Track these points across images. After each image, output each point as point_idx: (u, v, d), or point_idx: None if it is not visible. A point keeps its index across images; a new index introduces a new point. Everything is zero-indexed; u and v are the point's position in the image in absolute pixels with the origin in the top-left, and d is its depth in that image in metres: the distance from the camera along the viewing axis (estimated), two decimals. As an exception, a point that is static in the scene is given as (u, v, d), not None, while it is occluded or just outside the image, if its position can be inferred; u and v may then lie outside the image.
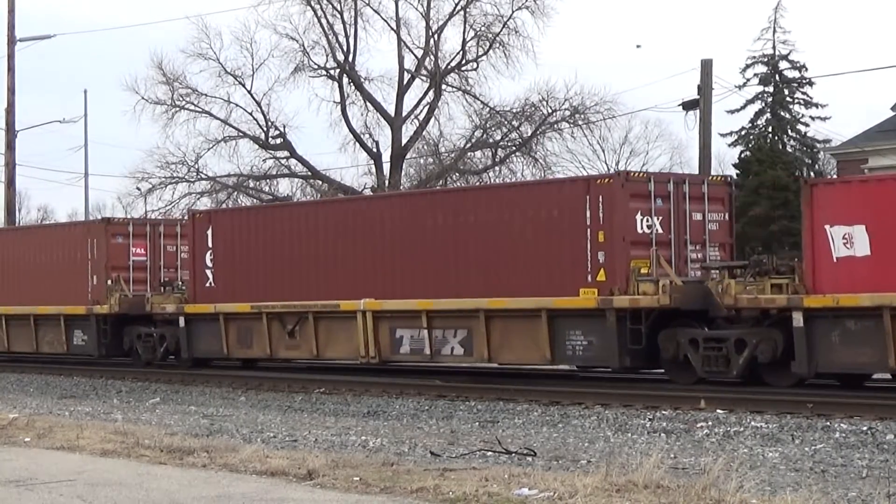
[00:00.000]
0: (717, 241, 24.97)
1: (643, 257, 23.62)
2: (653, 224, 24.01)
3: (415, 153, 61.71)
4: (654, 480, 11.13)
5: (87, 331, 34.13)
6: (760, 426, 18.29)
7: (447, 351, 26.14)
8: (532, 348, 24.67)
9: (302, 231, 29.12)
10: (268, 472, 12.99)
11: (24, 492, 12.25)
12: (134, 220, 35.83)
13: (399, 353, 27.16)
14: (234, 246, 30.49)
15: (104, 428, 17.76)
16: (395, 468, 13.03)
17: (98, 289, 33.43)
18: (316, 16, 58.13)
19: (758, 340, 22.18)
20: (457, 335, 25.92)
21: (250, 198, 60.49)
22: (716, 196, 25.03)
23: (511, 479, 11.93)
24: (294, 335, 28.96)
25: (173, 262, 34.25)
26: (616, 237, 23.62)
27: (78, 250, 34.25)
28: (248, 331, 30.03)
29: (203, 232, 31.17)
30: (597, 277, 23.71)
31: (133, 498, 11.71)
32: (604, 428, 18.84)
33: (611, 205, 23.66)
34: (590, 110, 58.23)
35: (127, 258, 33.62)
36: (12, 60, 48.80)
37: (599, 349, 23.78)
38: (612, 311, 23.39)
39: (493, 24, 58.38)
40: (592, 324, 23.82)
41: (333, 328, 28.33)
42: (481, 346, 25.32)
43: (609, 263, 23.57)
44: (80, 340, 34.54)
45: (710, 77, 38.33)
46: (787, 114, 73.64)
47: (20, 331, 36.38)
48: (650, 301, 23.05)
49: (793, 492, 11.14)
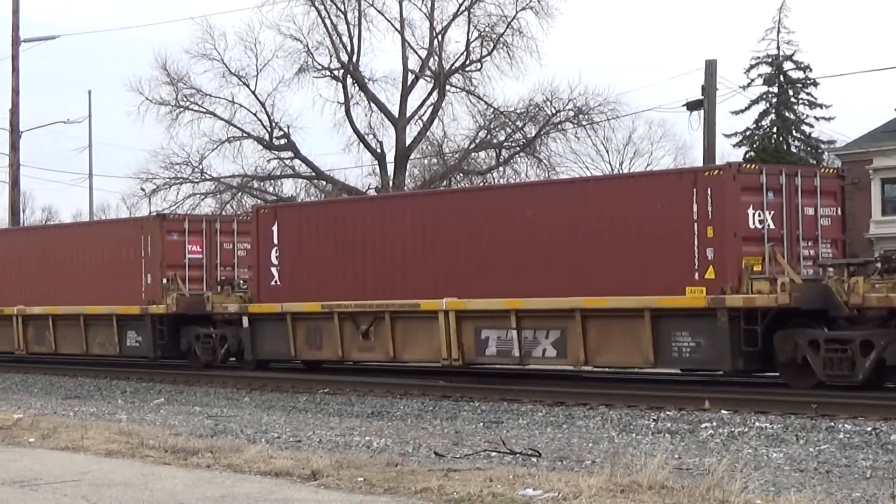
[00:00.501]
0: (829, 237, 23.63)
1: (755, 254, 22.45)
2: (765, 219, 22.74)
3: (419, 154, 61.80)
4: (658, 481, 11.13)
5: (142, 332, 32.82)
6: (765, 427, 18.27)
7: (538, 353, 24.81)
8: (633, 350, 23.46)
9: (377, 226, 27.80)
10: (272, 472, 13.00)
11: (28, 492, 12.27)
12: (190, 217, 34.59)
13: (485, 356, 25.77)
14: (301, 242, 29.16)
15: (109, 428, 17.77)
16: (400, 469, 13.04)
17: (153, 288, 32.17)
18: (320, 16, 58.28)
19: (887, 342, 20.83)
20: (549, 336, 24.62)
21: (254, 198, 60.55)
22: (828, 190, 23.73)
23: (515, 480, 11.93)
24: (368, 336, 27.63)
25: (230, 259, 33.02)
26: (727, 233, 22.35)
27: (131, 248, 32.91)
28: (318, 332, 28.72)
29: (268, 228, 29.78)
30: (705, 275, 22.43)
31: (138, 498, 11.71)
32: (608, 428, 18.82)
33: (721, 198, 22.40)
34: (594, 111, 58.38)
35: (182, 256, 32.34)
36: (16, 61, 48.82)
37: (709, 351, 22.52)
38: (723, 311, 22.06)
39: (496, 25, 58.51)
40: (701, 324, 22.55)
41: (412, 329, 26.94)
42: (577, 347, 24.07)
43: (719, 260, 22.30)
44: (133, 342, 33.22)
45: (714, 77, 38.31)
46: (792, 114, 73.66)
47: (68, 332, 34.96)
48: (767, 300, 21.82)
49: (797, 492, 11.13)
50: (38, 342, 36.01)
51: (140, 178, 62.46)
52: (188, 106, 59.71)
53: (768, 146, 67.19)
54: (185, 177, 60.62)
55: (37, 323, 35.93)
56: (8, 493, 12.19)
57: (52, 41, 52.94)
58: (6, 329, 36.77)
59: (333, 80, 59.56)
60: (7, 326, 36.71)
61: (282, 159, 61.26)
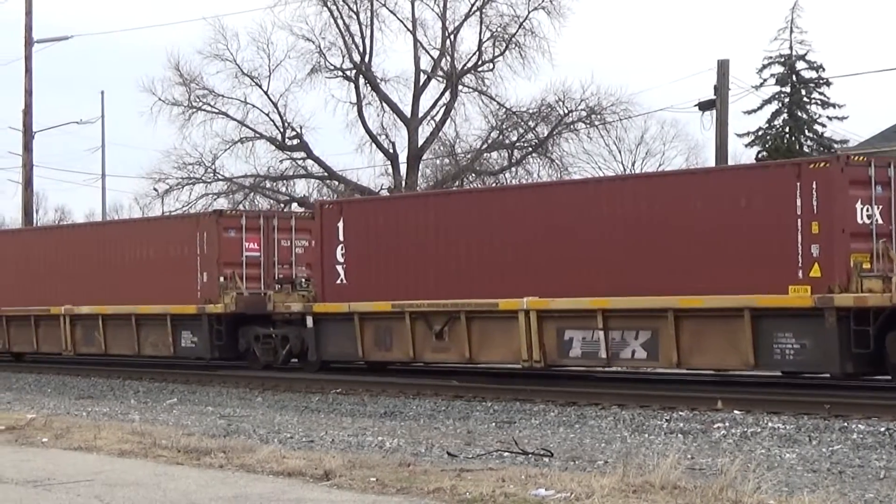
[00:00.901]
0: None
1: (863, 251, 21.47)
2: (873, 213, 21.69)
3: (431, 154, 61.79)
4: (670, 481, 11.12)
5: (198, 332, 31.72)
6: (778, 427, 18.25)
7: (627, 354, 23.94)
8: (731, 352, 22.49)
9: (451, 222, 26.85)
10: (284, 472, 13.01)
11: (42, 492, 12.30)
12: (247, 213, 33.50)
13: (568, 357, 24.85)
14: (369, 239, 28.28)
15: (121, 428, 17.80)
16: (412, 469, 13.04)
17: (209, 286, 31.13)
18: (332, 17, 58.29)
19: None
20: (639, 337, 23.75)
21: (267, 199, 60.63)
22: None
23: (528, 480, 11.93)
24: (442, 337, 26.72)
25: (287, 257, 31.93)
26: (835, 229, 21.35)
27: (185, 245, 31.74)
28: (388, 332, 27.86)
29: (333, 224, 28.90)
30: (809, 273, 21.47)
31: (150, 498, 11.74)
32: (620, 428, 18.81)
33: (827, 192, 21.37)
34: (606, 111, 58.32)
35: (240, 253, 31.28)
36: (29, 62, 48.93)
37: (815, 353, 21.54)
38: (832, 312, 21.09)
39: (509, 25, 58.48)
40: (806, 325, 21.58)
41: (489, 329, 26.01)
42: (669, 349, 23.13)
43: (825, 258, 21.33)
44: (188, 342, 32.11)
45: (726, 77, 38.29)
46: (804, 114, 73.53)
47: (119, 332, 33.79)
48: (880, 300, 20.80)
49: (810, 493, 11.11)
50: (86, 343, 34.79)
51: (153, 179, 62.64)
52: (201, 106, 59.79)
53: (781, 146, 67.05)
54: (198, 177, 60.70)
55: (85, 323, 34.73)
56: (21, 493, 12.23)
57: (64, 42, 53.14)
58: (53, 329, 35.64)
59: (346, 81, 59.63)
60: (54, 327, 35.60)
61: (294, 159, 61.31)
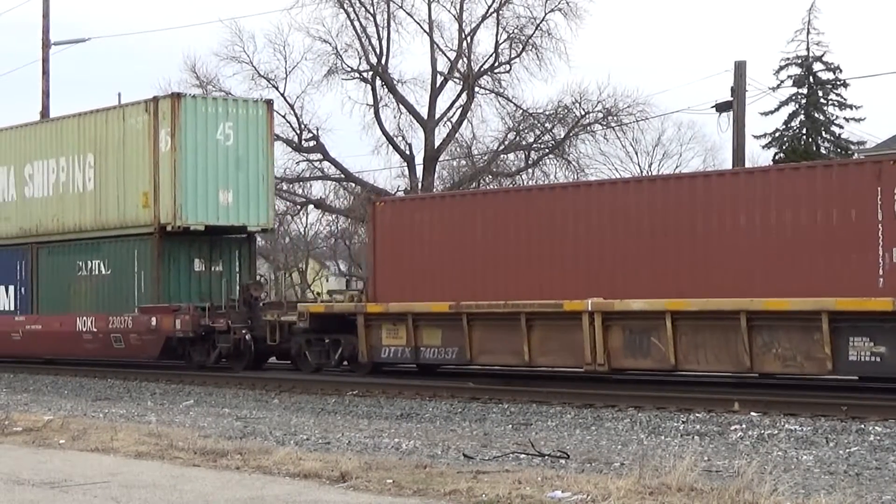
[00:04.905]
0: None
1: None
2: None
3: (448, 155, 61.75)
4: (687, 483, 11.11)
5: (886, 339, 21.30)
6: (794, 429, 18.22)
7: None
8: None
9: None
10: (301, 474, 13.01)
11: (58, 493, 12.32)
12: None
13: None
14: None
15: (138, 430, 17.81)
16: (429, 470, 13.03)
17: None
18: (349, 18, 58.26)
19: None
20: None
21: (283, 200, 60.61)
22: None
23: (544, 482, 11.92)
24: None
25: None
26: None
27: (853, 207, 21.79)
28: None
29: None
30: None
31: (167, 500, 11.75)
32: (637, 430, 18.79)
33: None
34: (623, 112, 58.22)
35: None
36: (47, 64, 49.01)
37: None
38: None
39: (525, 27, 58.38)
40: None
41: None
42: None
43: None
44: (866, 354, 21.47)
45: (743, 79, 38.22)
46: (822, 115, 73.35)
47: (706, 337, 23.30)
48: None
49: (827, 495, 11.09)
50: (632, 352, 24.20)
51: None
52: (217, 108, 59.77)
53: (798, 147, 66.90)
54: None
55: (632, 324, 24.18)
56: (38, 495, 12.26)
57: (82, 44, 53.23)
58: (563, 333, 25.16)
59: (362, 82, 59.58)
60: (565, 330, 25.14)
61: (311, 161, 61.29)
